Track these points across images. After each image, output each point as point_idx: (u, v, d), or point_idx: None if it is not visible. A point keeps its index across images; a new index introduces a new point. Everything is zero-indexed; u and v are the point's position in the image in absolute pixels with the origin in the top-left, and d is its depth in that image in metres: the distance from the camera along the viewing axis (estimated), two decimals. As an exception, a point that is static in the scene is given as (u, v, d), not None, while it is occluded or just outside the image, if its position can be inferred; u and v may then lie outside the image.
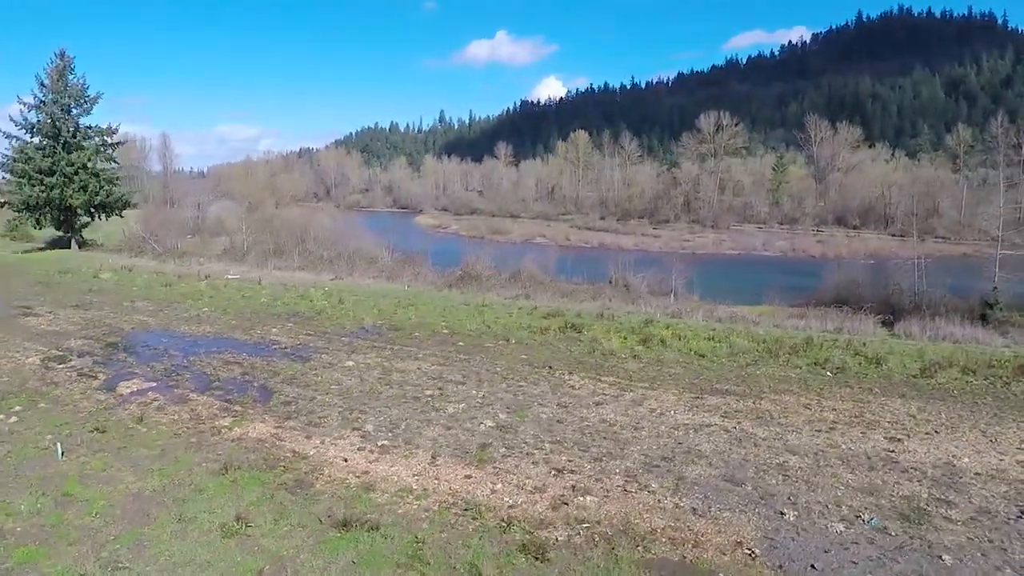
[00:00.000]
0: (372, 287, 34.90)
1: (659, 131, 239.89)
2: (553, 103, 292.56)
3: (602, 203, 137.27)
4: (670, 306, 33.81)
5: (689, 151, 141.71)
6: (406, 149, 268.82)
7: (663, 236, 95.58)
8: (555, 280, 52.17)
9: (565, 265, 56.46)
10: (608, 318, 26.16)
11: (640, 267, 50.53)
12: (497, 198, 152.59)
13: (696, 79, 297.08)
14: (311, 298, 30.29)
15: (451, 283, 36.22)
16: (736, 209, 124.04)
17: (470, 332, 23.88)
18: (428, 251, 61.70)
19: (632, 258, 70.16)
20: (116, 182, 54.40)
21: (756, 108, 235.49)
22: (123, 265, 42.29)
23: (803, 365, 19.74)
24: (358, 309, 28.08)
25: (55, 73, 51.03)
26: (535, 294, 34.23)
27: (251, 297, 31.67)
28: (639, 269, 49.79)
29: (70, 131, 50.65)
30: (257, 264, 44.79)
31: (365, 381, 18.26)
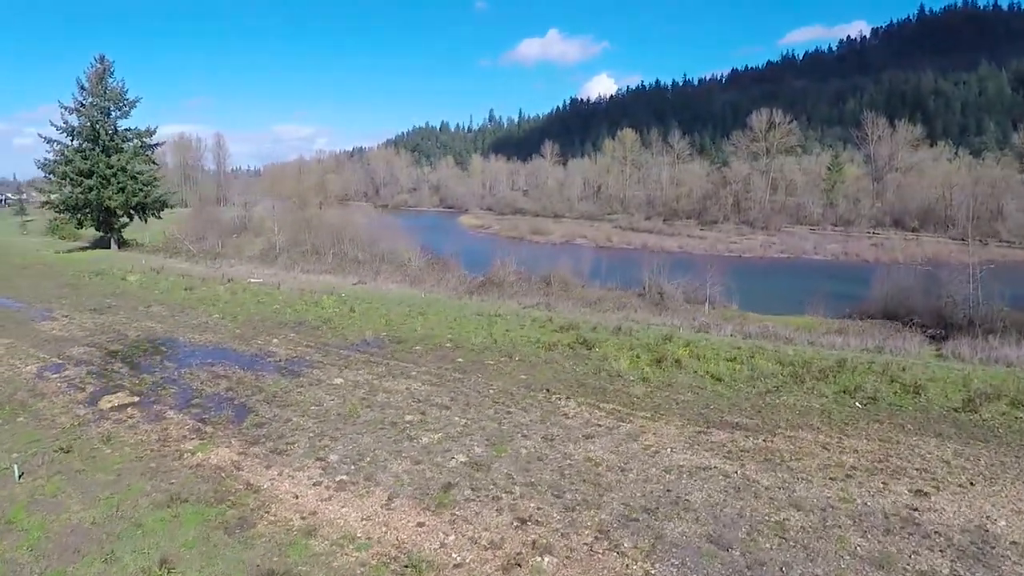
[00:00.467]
0: (390, 293, 33.89)
1: (711, 129, 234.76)
2: (603, 101, 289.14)
3: (649, 202, 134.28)
4: (700, 318, 31.84)
5: (740, 150, 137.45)
6: (455, 148, 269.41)
7: (709, 238, 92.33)
8: (587, 285, 50.51)
9: (600, 268, 54.62)
10: (625, 333, 24.47)
11: (680, 271, 48.40)
12: (542, 197, 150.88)
13: (750, 76, 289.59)
14: (323, 305, 29.41)
15: (472, 289, 34.98)
16: (788, 210, 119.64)
17: (474, 346, 22.53)
18: (460, 253, 60.68)
19: (673, 261, 67.98)
20: (154, 183, 54.88)
21: (812, 105, 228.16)
22: (153, 267, 42.36)
23: (830, 393, 17.74)
24: (366, 318, 27.05)
25: (95, 77, 51.72)
26: (557, 303, 32.69)
27: (265, 303, 31.00)
28: (678, 274, 47.67)
29: (108, 134, 51.21)
30: (286, 266, 44.38)
31: (347, 402, 17.10)
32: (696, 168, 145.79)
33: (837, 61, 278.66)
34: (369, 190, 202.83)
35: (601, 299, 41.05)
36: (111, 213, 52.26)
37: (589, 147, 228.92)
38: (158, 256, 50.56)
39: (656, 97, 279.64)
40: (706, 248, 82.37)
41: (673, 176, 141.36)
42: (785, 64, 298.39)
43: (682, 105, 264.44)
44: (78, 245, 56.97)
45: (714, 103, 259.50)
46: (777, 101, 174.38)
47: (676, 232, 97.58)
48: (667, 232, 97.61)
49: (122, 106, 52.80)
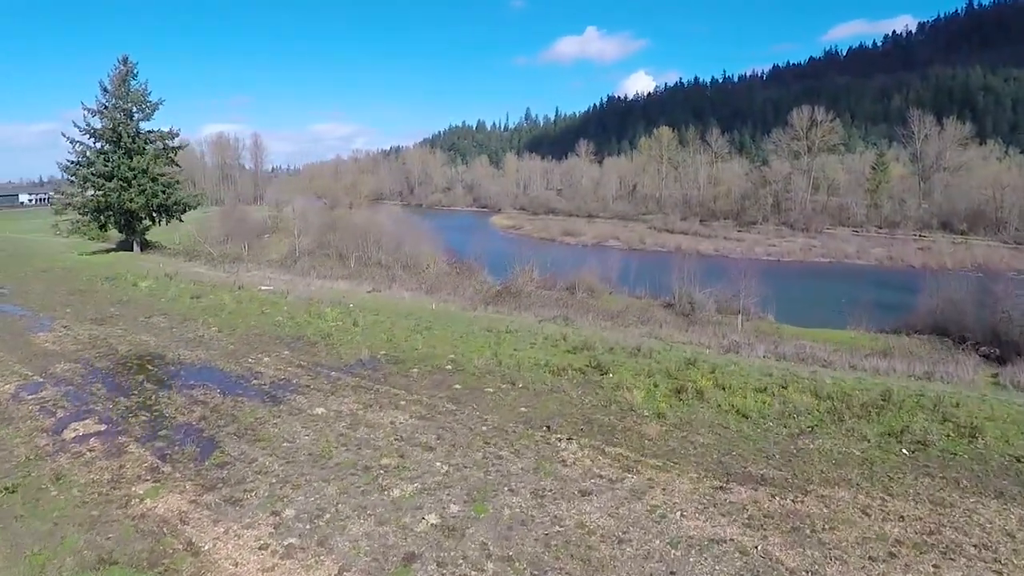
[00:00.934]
0: (401, 304, 32.15)
1: (751, 127, 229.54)
2: (641, 98, 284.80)
3: (685, 202, 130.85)
4: (730, 335, 29.43)
5: (781, 148, 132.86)
6: (491, 147, 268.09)
7: (747, 240, 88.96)
8: (614, 292, 48.29)
9: (630, 273, 52.26)
10: (644, 354, 22.30)
11: (714, 277, 45.84)
12: (576, 197, 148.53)
13: (792, 72, 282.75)
14: (325, 318, 27.80)
15: (487, 299, 33.10)
16: (830, 211, 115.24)
17: (475, 369, 20.58)
18: (486, 256, 58.91)
19: (707, 266, 65.55)
20: (176, 185, 54.16)
21: (856, 102, 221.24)
22: (168, 272, 41.40)
23: (872, 436, 15.38)
24: (368, 334, 25.32)
25: (117, 79, 51.14)
26: (576, 315, 30.59)
27: (268, 314, 29.53)
28: (711, 280, 45.11)
29: (131, 136, 50.56)
30: (302, 272, 43.07)
31: (323, 438, 15.33)
32: (735, 167, 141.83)
33: (882, 57, 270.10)
34: (404, 190, 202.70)
35: (626, 309, 38.81)
36: (133, 215, 51.65)
37: (626, 145, 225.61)
38: (178, 259, 49.78)
39: (695, 94, 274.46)
40: (743, 251, 79.12)
41: (711, 175, 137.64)
42: (828, 60, 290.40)
43: (721, 102, 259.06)
44: (104, 247, 56.63)
45: (754, 100, 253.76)
46: (819, 98, 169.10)
47: (712, 234, 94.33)
48: (703, 234, 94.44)
49: (144, 108, 52.11)
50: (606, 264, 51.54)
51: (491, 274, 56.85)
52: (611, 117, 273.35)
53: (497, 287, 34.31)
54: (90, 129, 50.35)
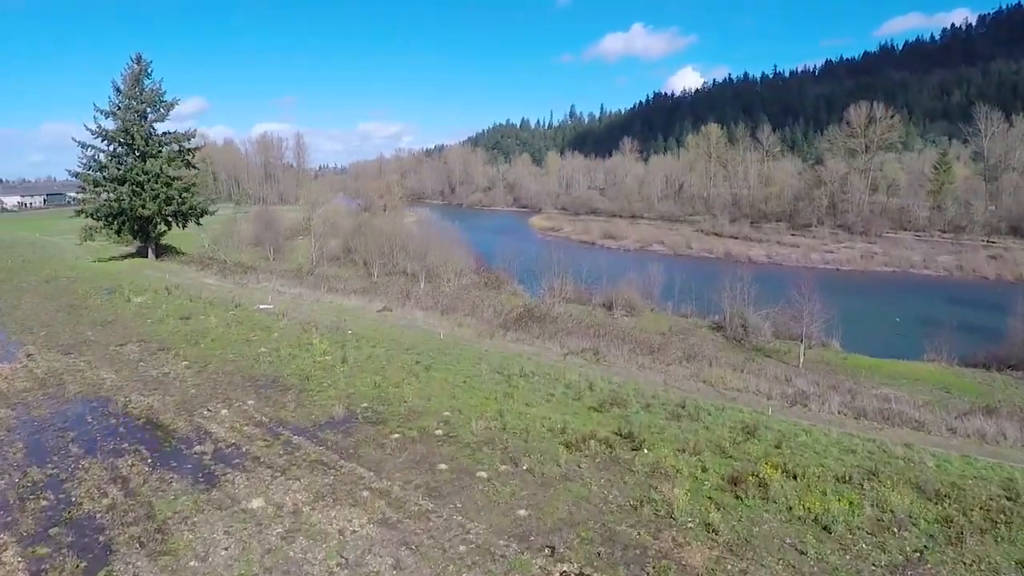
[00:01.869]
0: (406, 331, 27.93)
1: (803, 124, 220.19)
2: (688, 94, 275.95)
3: (735, 203, 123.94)
4: (793, 374, 24.52)
5: (836, 146, 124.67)
6: (535, 146, 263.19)
7: (802, 245, 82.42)
8: (656, 308, 43.35)
9: (675, 284, 47.02)
10: (691, 414, 17.69)
11: (768, 289, 40.44)
12: (619, 197, 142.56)
13: (846, 67, 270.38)
14: (313, 351, 23.82)
15: (507, 323, 28.72)
16: (890, 213, 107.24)
17: (472, 437, 16.20)
18: (518, 263, 54.44)
19: (760, 275, 60.41)
20: (193, 189, 51.10)
21: (913, 98, 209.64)
22: (170, 285, 38.17)
23: (1005, 566, 10.59)
24: (354, 375, 21.19)
25: (130, 78, 48.23)
26: (610, 347, 25.99)
27: (253, 342, 25.75)
28: (765, 293, 39.71)
29: (143, 138, 47.60)
30: (314, 285, 39.38)
31: (244, 556, 11.19)
32: (787, 166, 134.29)
33: (940, 51, 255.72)
34: (445, 189, 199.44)
35: (669, 334, 34.07)
36: (147, 221, 48.75)
37: (672, 143, 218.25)
38: (190, 268, 46.75)
39: (744, 90, 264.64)
40: (798, 258, 72.98)
41: (762, 174, 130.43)
42: (883, 54, 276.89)
43: (772, 99, 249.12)
44: (123, 251, 53.99)
45: (806, 96, 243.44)
46: (875, 94, 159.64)
47: (764, 238, 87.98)
48: (754, 238, 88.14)
49: (159, 108, 49.12)
50: (648, 275, 46.49)
51: (521, 284, 52.48)
52: (657, 114, 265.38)
53: (519, 309, 29.85)
54: (102, 131, 47.53)
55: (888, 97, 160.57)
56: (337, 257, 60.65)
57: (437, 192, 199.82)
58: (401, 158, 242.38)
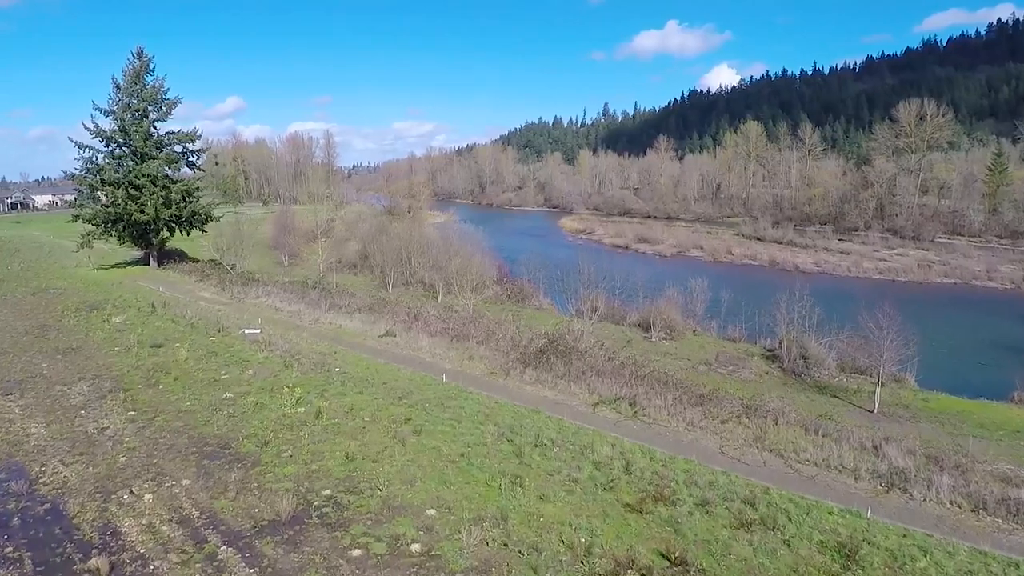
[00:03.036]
0: (398, 373, 23.03)
1: (844, 122, 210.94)
2: (725, 92, 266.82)
3: (776, 204, 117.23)
4: (880, 435, 19.25)
5: (883, 145, 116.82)
6: (567, 144, 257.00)
7: (852, 252, 75.80)
8: (699, 330, 38.05)
9: (719, 298, 41.33)
10: (764, 520, 12.67)
11: (821, 305, 34.74)
12: (654, 197, 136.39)
13: (887, 63, 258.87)
14: (284, 401, 19.22)
15: (526, 358, 23.85)
16: (942, 217, 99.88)
17: (459, 561, 11.41)
18: (544, 273, 49.42)
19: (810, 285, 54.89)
20: (197, 193, 47.12)
21: (959, 95, 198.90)
22: (156, 301, 34.12)
23: None
24: (324, 441, 16.55)
25: (131, 75, 44.37)
26: (648, 395, 20.94)
27: (221, 383, 21.38)
28: (825, 314, 33.97)
29: (142, 138, 43.73)
30: (315, 302, 34.91)
31: None
32: (830, 165, 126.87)
33: (985, 47, 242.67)
34: (475, 188, 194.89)
35: (716, 364, 28.89)
36: (146, 227, 44.94)
37: (708, 141, 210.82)
38: (189, 279, 42.82)
39: (782, 87, 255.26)
40: (850, 267, 66.62)
41: (804, 174, 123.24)
42: (926, 50, 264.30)
43: (811, 96, 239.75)
44: (124, 258, 50.34)
45: (847, 93, 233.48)
46: (918, 91, 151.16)
47: (809, 243, 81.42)
48: (799, 243, 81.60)
49: (160, 106, 45.23)
50: (690, 283, 40.97)
51: (548, 296, 47.56)
52: (692, 112, 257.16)
53: (541, 340, 24.92)
54: (98, 131, 43.77)
55: (933, 94, 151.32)
56: (354, 264, 56.43)
57: (467, 192, 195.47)
58: (432, 157, 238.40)
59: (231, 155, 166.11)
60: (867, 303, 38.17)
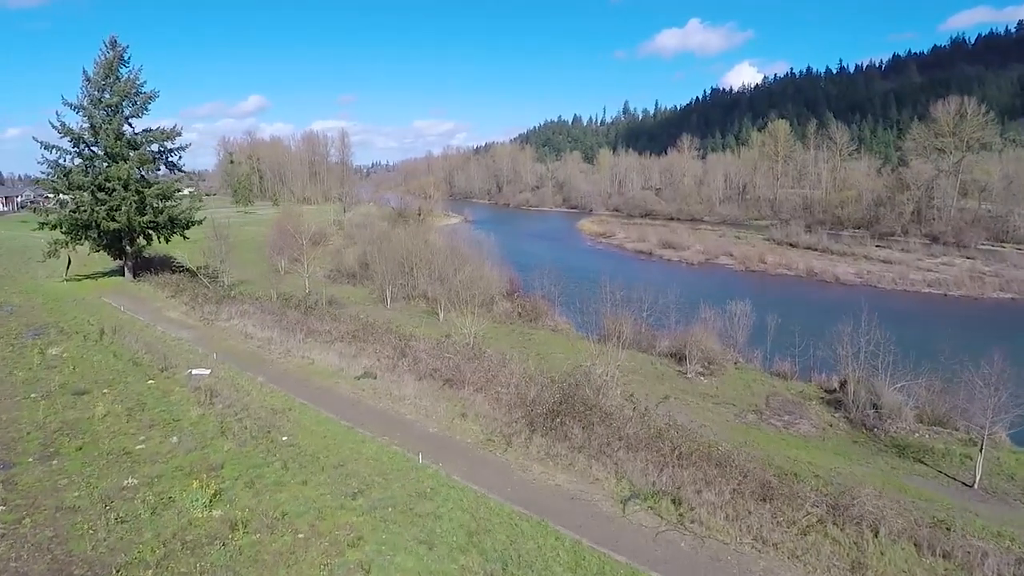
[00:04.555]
0: (363, 447, 17.36)
1: (871, 121, 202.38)
2: (748, 89, 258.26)
3: (806, 207, 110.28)
4: (990, 516, 13.37)
5: (920, 145, 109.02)
6: (586, 142, 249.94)
7: (893, 261, 69.09)
8: (741, 362, 32.10)
9: (763, 322, 34.91)
10: None
11: (883, 324, 28.42)
12: (677, 198, 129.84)
13: (914, 61, 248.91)
14: (193, 500, 13.65)
15: (534, 419, 18.16)
16: (983, 221, 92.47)
17: None
18: (561, 286, 43.70)
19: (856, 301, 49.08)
20: (176, 196, 41.93)
21: (991, 93, 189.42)
22: (106, 326, 28.95)
23: None
24: (229, 587, 11.06)
25: (103, 66, 39.25)
26: (694, 483, 15.21)
27: (135, 456, 16.02)
28: (888, 340, 27.63)
29: (112, 137, 38.64)
30: (290, 327, 29.40)
31: None
32: (861, 166, 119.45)
33: (1016, 44, 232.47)
34: (492, 188, 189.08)
35: (768, 412, 23.01)
36: (117, 235, 39.90)
37: (731, 140, 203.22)
38: (162, 293, 37.56)
39: (807, 85, 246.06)
40: (895, 278, 60.01)
41: (835, 176, 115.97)
42: (954, 48, 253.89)
43: (837, 94, 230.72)
44: (104, 268, 45.35)
45: (874, 91, 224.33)
46: (947, 89, 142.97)
47: (847, 250, 74.61)
48: (835, 250, 74.91)
49: (136, 101, 40.11)
50: (728, 312, 34.74)
51: (564, 314, 41.84)
52: (714, 110, 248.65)
53: (556, 393, 19.16)
54: (65, 129, 38.68)
55: (963, 93, 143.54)
56: (353, 274, 51.09)
57: (484, 192, 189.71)
58: (449, 156, 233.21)
59: (246, 153, 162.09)
60: (926, 324, 32.14)
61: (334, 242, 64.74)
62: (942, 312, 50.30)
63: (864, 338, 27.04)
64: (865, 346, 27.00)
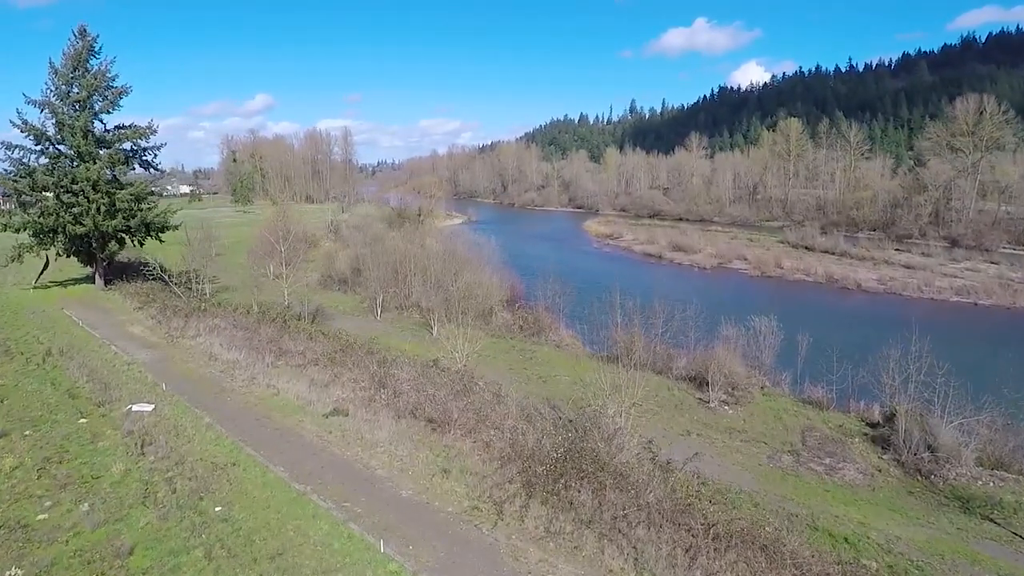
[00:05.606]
0: (312, 523, 13.82)
1: (881, 120, 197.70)
2: (756, 88, 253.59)
3: (819, 208, 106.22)
4: None
5: (937, 145, 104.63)
6: (593, 141, 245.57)
7: (915, 266, 65.12)
8: (767, 388, 28.37)
9: (790, 335, 30.92)
10: None
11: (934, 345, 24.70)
12: (686, 198, 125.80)
13: (925, 60, 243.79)
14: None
15: (534, 479, 14.48)
16: (1004, 224, 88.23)
17: None
18: (567, 294, 39.91)
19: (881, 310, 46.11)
20: (149, 199, 38.50)
21: (1003, 92, 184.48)
22: (54, 347, 25.57)
23: None
24: None
25: (71, 58, 35.86)
26: (731, 569, 11.66)
27: (32, 531, 12.63)
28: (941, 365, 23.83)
29: (79, 135, 35.25)
30: (259, 348, 25.96)
31: None
32: (875, 166, 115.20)
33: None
34: (497, 187, 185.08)
35: (804, 452, 19.25)
36: (84, 241, 36.55)
37: (739, 139, 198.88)
38: (129, 304, 34.22)
39: (816, 84, 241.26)
40: (920, 285, 56.06)
41: (848, 176, 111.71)
42: (964, 47, 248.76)
43: (847, 93, 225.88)
44: (78, 274, 42.02)
45: (884, 90, 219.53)
46: (958, 88, 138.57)
47: (866, 254, 70.53)
48: (854, 254, 70.86)
49: (107, 96, 36.69)
50: (752, 329, 30.81)
51: (570, 327, 38.22)
52: (722, 109, 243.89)
53: (561, 444, 15.61)
54: (28, 127, 35.24)
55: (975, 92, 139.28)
56: (345, 280, 47.55)
57: (489, 191, 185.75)
58: (453, 155, 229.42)
59: (249, 152, 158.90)
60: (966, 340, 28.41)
61: (325, 245, 61.19)
62: (978, 325, 46.47)
63: (914, 364, 23.34)
64: (915, 374, 23.31)
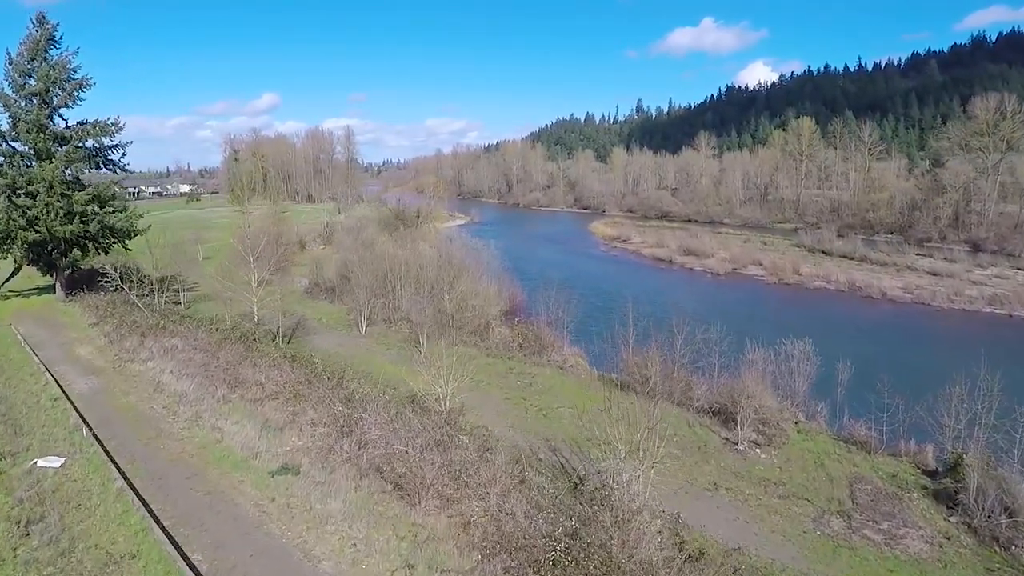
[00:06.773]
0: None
1: (892, 120, 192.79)
2: (764, 87, 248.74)
3: (833, 210, 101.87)
4: None
5: (956, 145, 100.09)
6: (599, 141, 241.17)
7: (940, 272, 60.96)
8: (802, 423, 24.37)
9: (824, 357, 26.79)
10: None
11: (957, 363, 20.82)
12: (695, 198, 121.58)
13: (935, 60, 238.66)
14: None
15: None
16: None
17: None
18: (571, 304, 35.87)
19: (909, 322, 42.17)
20: (112, 203, 34.82)
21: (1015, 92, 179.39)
22: None
23: None
24: None
25: (28, 47, 32.22)
26: None
27: None
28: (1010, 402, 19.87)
29: (33, 130, 31.64)
30: (218, 374, 22.30)
31: None
32: (891, 166, 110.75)
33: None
34: (502, 187, 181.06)
35: (856, 513, 15.42)
36: (42, 248, 32.92)
37: (747, 139, 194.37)
38: (85, 319, 30.55)
39: (826, 83, 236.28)
40: (949, 294, 51.93)
41: (863, 177, 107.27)
42: (975, 47, 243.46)
43: (857, 93, 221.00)
44: (41, 284, 38.41)
45: (894, 90, 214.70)
46: (970, 87, 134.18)
47: (887, 260, 66.27)
48: (874, 260, 66.63)
49: (65, 88, 33.04)
50: (783, 354, 26.48)
51: (575, 341, 34.32)
52: (730, 108, 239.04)
53: (564, 537, 11.92)
54: (-20, 122, 31.77)
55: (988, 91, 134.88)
56: (332, 288, 43.82)
57: (494, 191, 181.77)
58: (458, 155, 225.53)
59: (251, 151, 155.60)
60: None
61: (316, 250, 57.62)
62: (995, 330, 42.64)
63: (982, 404, 19.43)
64: (984, 414, 19.41)
